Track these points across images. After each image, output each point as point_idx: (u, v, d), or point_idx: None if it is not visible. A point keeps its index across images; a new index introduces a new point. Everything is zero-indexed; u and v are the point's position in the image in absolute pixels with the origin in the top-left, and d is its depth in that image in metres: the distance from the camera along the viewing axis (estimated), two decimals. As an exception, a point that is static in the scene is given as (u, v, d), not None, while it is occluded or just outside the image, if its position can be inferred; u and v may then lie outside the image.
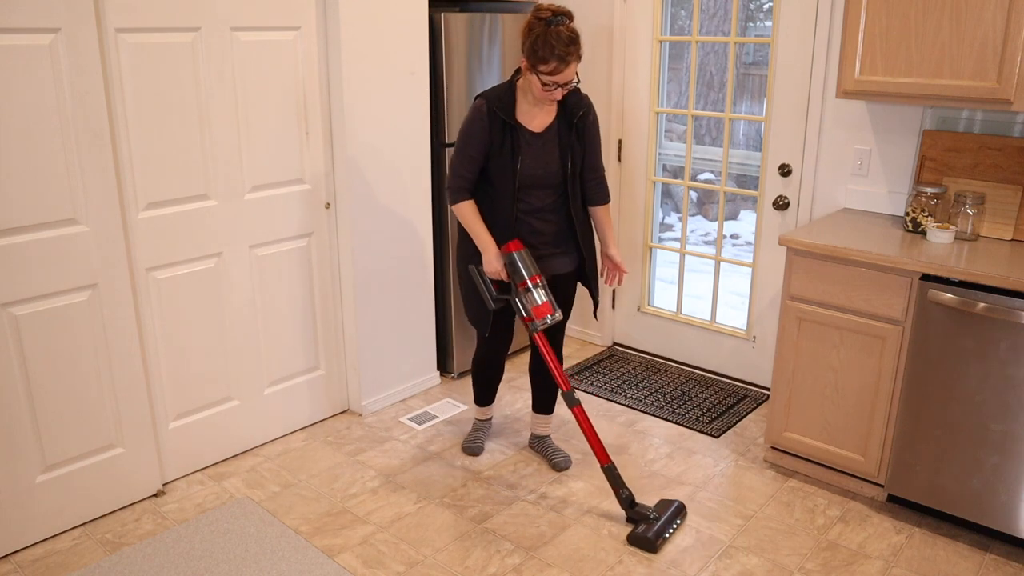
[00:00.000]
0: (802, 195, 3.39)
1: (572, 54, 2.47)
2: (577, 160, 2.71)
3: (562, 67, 2.47)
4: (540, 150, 2.66)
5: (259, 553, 2.58)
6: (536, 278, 2.64)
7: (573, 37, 2.47)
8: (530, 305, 2.65)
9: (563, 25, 2.46)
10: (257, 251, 3.06)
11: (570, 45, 2.46)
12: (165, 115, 2.70)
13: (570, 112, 2.67)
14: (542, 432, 3.17)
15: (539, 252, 2.76)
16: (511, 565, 2.54)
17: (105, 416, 2.72)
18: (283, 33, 2.95)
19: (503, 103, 2.63)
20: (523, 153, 2.64)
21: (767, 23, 4.56)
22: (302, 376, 3.34)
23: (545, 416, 3.14)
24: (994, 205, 2.84)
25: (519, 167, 2.64)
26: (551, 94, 2.55)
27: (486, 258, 2.68)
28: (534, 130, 2.66)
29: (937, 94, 2.66)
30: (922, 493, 2.70)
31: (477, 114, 2.64)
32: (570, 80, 2.53)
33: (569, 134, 2.68)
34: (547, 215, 2.73)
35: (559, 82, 2.51)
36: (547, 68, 2.47)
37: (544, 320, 2.65)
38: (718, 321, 3.88)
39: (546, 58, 2.46)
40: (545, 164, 2.67)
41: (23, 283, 2.45)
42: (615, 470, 2.71)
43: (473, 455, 3.17)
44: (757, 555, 2.60)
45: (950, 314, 2.52)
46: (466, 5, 3.95)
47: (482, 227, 2.68)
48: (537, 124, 2.67)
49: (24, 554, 2.59)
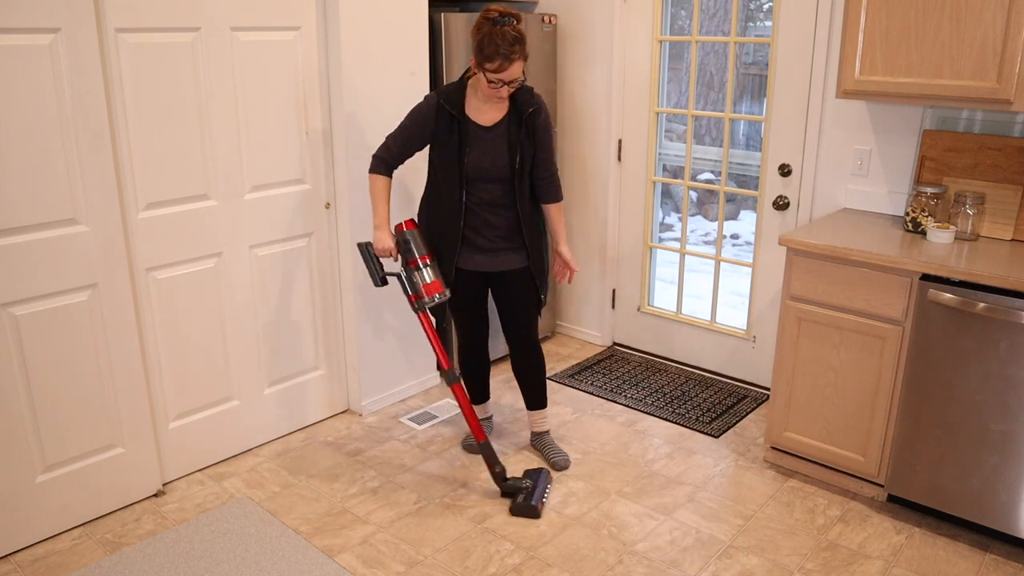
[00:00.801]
0: (802, 195, 3.39)
1: (516, 53, 2.57)
2: (527, 157, 2.77)
3: (507, 65, 2.56)
4: (489, 144, 2.74)
5: (259, 553, 2.58)
6: (427, 257, 2.77)
7: (518, 37, 2.57)
8: (420, 283, 2.76)
9: (509, 25, 2.56)
10: (257, 251, 3.06)
11: (515, 44, 2.56)
12: (165, 115, 2.70)
13: (520, 109, 2.75)
14: (539, 428, 3.19)
15: (491, 246, 2.84)
16: (511, 565, 2.54)
17: (105, 416, 2.72)
18: (283, 33, 2.95)
19: (452, 98, 2.73)
20: (471, 146, 2.73)
21: (767, 23, 4.56)
22: (302, 376, 3.34)
23: (539, 412, 3.17)
24: (994, 205, 2.84)
25: (467, 159, 2.73)
26: (497, 92, 2.64)
27: (377, 235, 2.77)
28: (483, 124, 2.74)
29: (937, 94, 2.66)
30: (922, 493, 2.70)
31: (425, 104, 2.76)
32: (515, 78, 2.62)
33: (519, 131, 2.74)
34: (498, 209, 2.80)
35: (504, 79, 2.60)
36: (492, 66, 2.57)
37: (432, 298, 2.77)
38: (718, 321, 3.88)
39: (491, 56, 2.55)
40: (493, 158, 2.74)
41: (23, 283, 2.45)
42: (490, 447, 2.84)
43: (473, 453, 3.18)
44: (757, 555, 2.60)
45: (950, 314, 2.52)
46: (466, 5, 3.95)
47: (383, 204, 2.79)
48: (486, 119, 2.75)
49: (24, 554, 2.59)
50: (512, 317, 2.96)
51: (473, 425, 2.85)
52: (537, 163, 2.81)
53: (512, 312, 2.95)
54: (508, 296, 2.92)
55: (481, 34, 2.56)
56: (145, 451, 2.85)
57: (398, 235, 2.77)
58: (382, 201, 2.78)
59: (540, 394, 3.13)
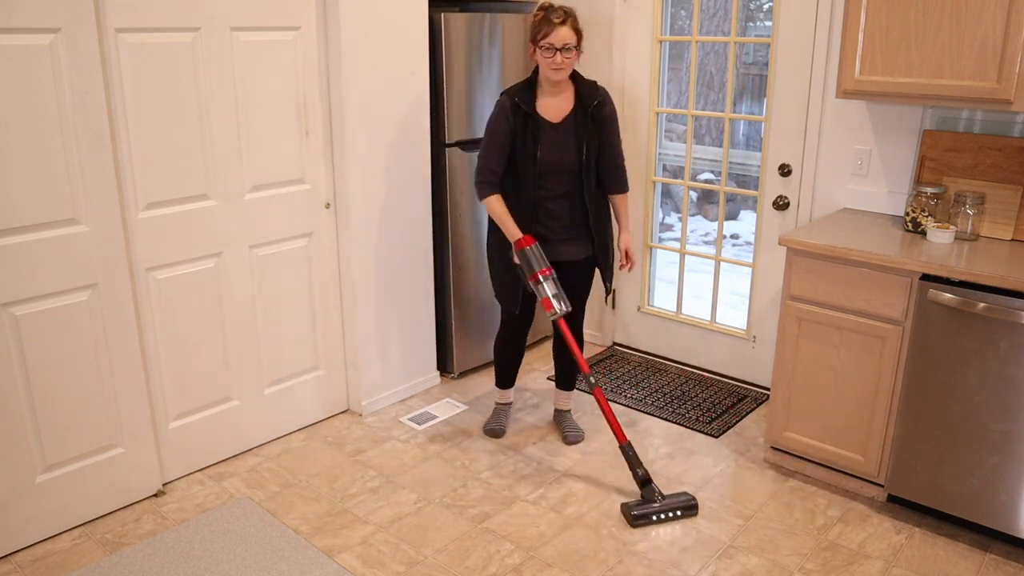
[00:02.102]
0: (802, 195, 3.39)
1: (561, 18, 2.72)
2: (592, 149, 2.88)
3: (553, 28, 2.71)
4: (558, 139, 2.85)
5: (259, 553, 2.58)
6: (535, 275, 2.82)
7: (567, 11, 2.75)
8: (539, 297, 2.85)
9: (560, 8, 2.74)
10: (257, 251, 3.06)
11: (559, 11, 2.73)
12: (165, 115, 2.70)
13: (585, 102, 2.85)
14: (563, 407, 3.37)
15: (555, 236, 2.94)
16: (511, 565, 2.54)
17: (105, 416, 2.72)
18: (283, 33, 2.95)
19: (524, 95, 2.84)
20: (542, 142, 2.84)
21: (767, 23, 4.56)
22: (302, 376, 3.34)
23: (566, 392, 3.34)
24: (994, 205, 2.84)
25: (539, 155, 2.84)
26: (553, 60, 2.74)
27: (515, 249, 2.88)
28: (552, 120, 2.85)
29: (937, 94, 2.66)
30: (922, 493, 2.70)
31: (501, 109, 2.86)
32: (567, 43, 2.73)
33: (585, 123, 2.85)
34: (564, 201, 2.91)
35: (555, 45, 2.72)
36: (541, 35, 2.73)
37: (551, 315, 2.84)
38: (718, 321, 3.88)
39: (539, 28, 2.74)
40: (562, 152, 2.85)
41: (23, 283, 2.45)
42: (631, 450, 2.83)
43: (495, 436, 3.30)
44: (757, 555, 2.60)
45: (950, 314, 2.52)
46: (466, 5, 3.94)
47: (511, 220, 2.87)
48: (555, 114, 2.86)
49: (24, 554, 2.59)
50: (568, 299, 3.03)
51: (614, 428, 2.85)
52: (603, 154, 2.92)
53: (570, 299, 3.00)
54: (569, 284, 3.01)
55: (534, 20, 2.77)
56: (145, 451, 2.85)
57: (518, 253, 2.85)
58: (508, 217, 2.87)
59: (573, 376, 3.31)
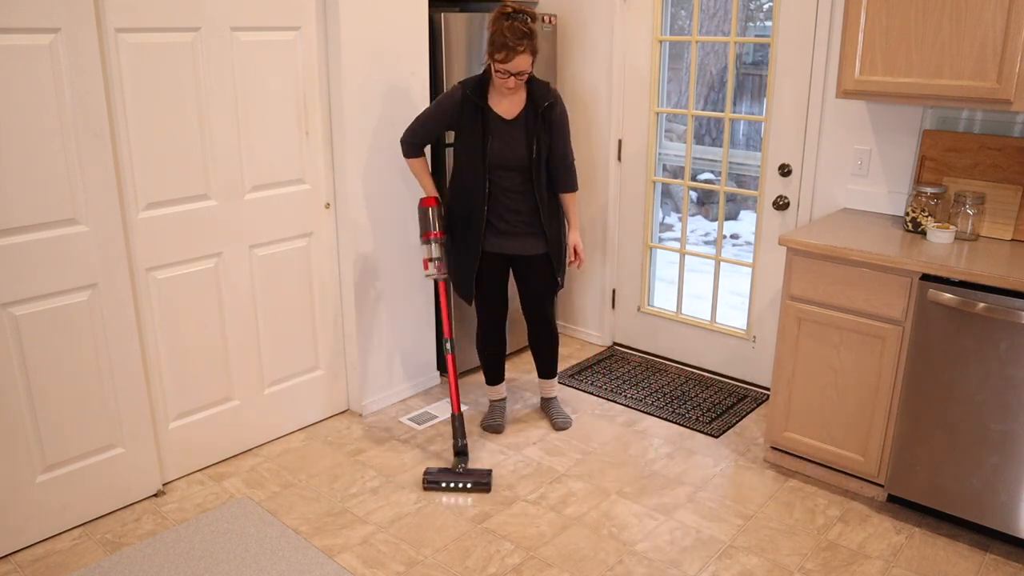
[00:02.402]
0: (802, 195, 3.39)
1: (523, 46, 2.71)
2: (543, 147, 2.93)
3: (512, 56, 2.71)
4: (509, 135, 2.90)
5: (259, 553, 2.58)
6: (435, 235, 3.01)
7: (527, 32, 2.71)
8: (424, 256, 3.07)
9: (520, 21, 2.71)
10: (257, 251, 3.06)
11: (522, 38, 2.70)
12: (165, 115, 2.70)
13: (537, 102, 2.90)
14: (548, 394, 3.46)
15: (512, 230, 3.02)
16: (511, 565, 2.54)
17: (105, 416, 2.72)
18: (283, 33, 2.95)
19: (476, 88, 2.89)
20: (493, 135, 2.90)
21: (767, 23, 4.56)
22: (302, 376, 3.34)
23: (548, 380, 3.43)
24: (994, 205, 2.84)
25: (489, 148, 2.90)
26: (505, 82, 2.79)
27: None
28: (504, 116, 2.90)
29: (937, 94, 2.66)
30: (922, 493, 2.70)
31: (451, 94, 2.93)
32: (522, 70, 2.76)
33: (536, 123, 2.90)
34: (517, 196, 2.98)
35: (510, 71, 2.74)
36: (499, 56, 2.72)
37: (427, 272, 3.06)
38: (718, 321, 3.88)
39: (499, 47, 2.71)
40: (512, 148, 2.91)
41: (23, 283, 2.45)
42: (461, 420, 3.05)
43: (495, 432, 3.34)
44: (757, 555, 2.60)
45: (950, 314, 2.52)
46: (466, 5, 3.94)
47: (428, 177, 3.07)
48: (506, 111, 2.91)
49: (24, 554, 2.59)
50: (530, 298, 3.17)
51: (453, 396, 3.05)
52: (552, 153, 2.97)
53: (530, 294, 3.15)
54: (527, 278, 3.12)
55: (494, 27, 2.72)
56: (145, 451, 2.85)
57: (420, 210, 3.02)
58: (426, 175, 3.07)
59: (551, 365, 3.38)
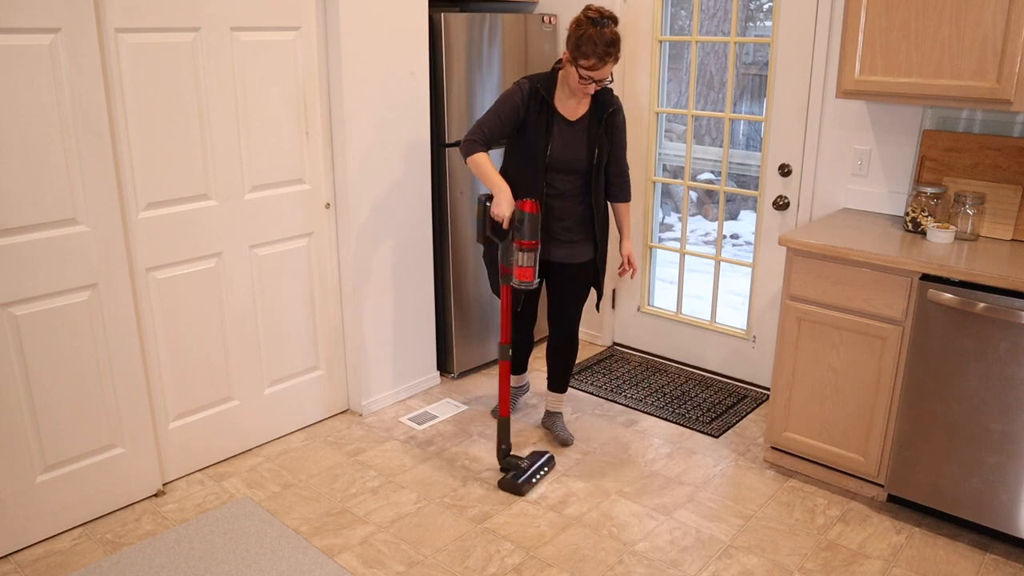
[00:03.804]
0: (802, 195, 3.39)
1: (611, 55, 2.67)
2: (604, 153, 2.90)
3: (600, 65, 2.67)
4: (571, 137, 2.86)
5: (259, 553, 2.58)
6: (533, 243, 2.76)
7: (614, 39, 2.67)
8: (515, 263, 2.79)
9: (608, 28, 2.66)
10: (257, 251, 3.06)
11: (611, 46, 2.66)
12: (165, 115, 2.70)
13: (601, 108, 2.87)
14: (555, 408, 3.35)
15: (556, 237, 2.95)
16: (511, 565, 2.54)
17: (105, 416, 2.72)
18: (283, 33, 2.95)
19: (546, 85, 2.84)
20: (554, 136, 2.85)
21: (767, 23, 4.56)
22: (302, 376, 3.34)
23: (558, 395, 3.32)
24: (994, 205, 2.84)
25: (550, 148, 2.84)
26: (586, 87, 2.75)
27: (499, 199, 2.76)
28: (568, 118, 2.86)
29: (937, 94, 2.66)
30: (922, 493, 2.70)
31: (518, 88, 2.85)
32: (605, 78, 2.73)
33: (598, 127, 2.87)
34: (570, 201, 2.92)
35: (595, 78, 2.71)
36: (587, 63, 2.67)
37: (520, 282, 2.80)
38: (718, 321, 3.88)
39: (588, 54, 2.65)
40: (574, 151, 2.86)
41: (23, 283, 2.45)
42: (507, 424, 2.98)
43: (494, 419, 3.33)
44: (757, 555, 2.60)
45: (950, 314, 2.52)
46: (466, 5, 3.95)
47: (497, 174, 2.80)
48: (571, 112, 2.87)
49: (24, 554, 2.59)
50: (562, 306, 3.10)
51: (504, 400, 2.97)
52: (612, 160, 2.95)
53: (563, 302, 3.08)
54: (565, 286, 3.04)
55: (580, 31, 2.66)
56: (145, 451, 2.85)
57: (517, 212, 2.74)
58: (493, 170, 2.81)
59: (565, 379, 3.29)
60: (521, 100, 2.82)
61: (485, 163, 2.81)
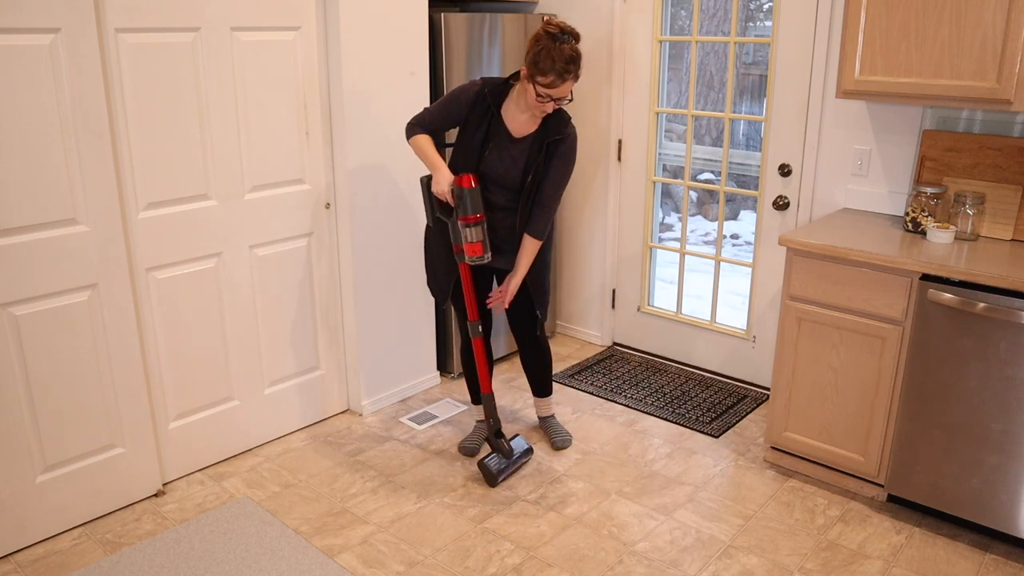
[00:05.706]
0: (802, 195, 3.39)
1: (571, 72, 2.55)
2: (538, 177, 2.75)
3: (559, 82, 2.55)
4: (508, 153, 2.74)
5: (259, 553, 2.58)
6: (477, 218, 2.70)
7: (574, 56, 2.54)
8: (464, 239, 2.74)
9: (568, 44, 2.54)
10: (257, 251, 3.06)
11: (570, 63, 2.53)
12: (165, 115, 2.70)
13: (548, 133, 2.73)
14: (545, 413, 3.34)
15: (500, 247, 2.87)
16: (511, 565, 2.54)
17: (105, 416, 2.72)
18: (283, 33, 2.95)
19: (496, 91, 2.73)
20: (491, 147, 2.74)
21: (767, 23, 4.56)
22: (302, 376, 3.34)
23: (543, 399, 3.30)
24: (994, 205, 2.84)
25: (485, 156, 2.74)
26: (543, 105, 2.62)
27: (436, 177, 2.72)
28: (513, 133, 2.74)
29: (937, 94, 2.66)
30: (922, 493, 2.70)
31: (470, 86, 2.75)
32: (563, 96, 2.61)
33: (539, 152, 2.73)
34: (500, 213, 2.82)
35: (552, 96, 2.59)
36: (545, 80, 2.55)
37: (472, 258, 2.75)
38: (718, 321, 3.88)
39: (545, 71, 2.53)
40: (507, 167, 2.74)
41: (23, 283, 2.45)
42: (492, 400, 2.99)
43: (469, 455, 3.18)
44: (757, 555, 2.60)
45: (950, 314, 2.52)
46: (466, 5, 3.95)
47: (433, 151, 2.76)
48: (518, 129, 2.74)
49: (24, 554, 2.59)
50: (517, 316, 3.03)
51: (483, 377, 2.97)
52: (539, 189, 2.77)
53: (517, 311, 3.02)
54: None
55: (539, 47, 2.53)
56: (145, 451, 2.85)
57: (455, 188, 2.70)
58: (431, 148, 2.76)
59: (546, 383, 3.26)
60: (467, 101, 2.73)
61: (424, 144, 2.76)
